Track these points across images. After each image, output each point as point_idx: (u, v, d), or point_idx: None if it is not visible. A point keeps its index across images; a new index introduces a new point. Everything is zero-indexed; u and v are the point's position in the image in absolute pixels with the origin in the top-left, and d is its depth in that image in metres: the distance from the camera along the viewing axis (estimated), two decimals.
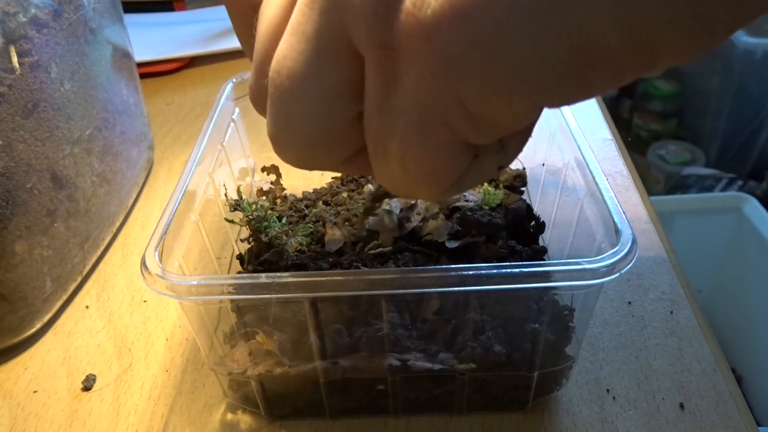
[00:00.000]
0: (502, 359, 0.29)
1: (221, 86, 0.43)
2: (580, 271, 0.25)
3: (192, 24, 0.84)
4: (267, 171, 0.41)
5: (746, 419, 0.31)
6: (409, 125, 0.18)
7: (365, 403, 0.32)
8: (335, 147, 0.21)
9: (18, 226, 0.35)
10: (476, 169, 0.20)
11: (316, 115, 0.19)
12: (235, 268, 0.36)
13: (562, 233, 0.35)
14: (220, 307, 0.31)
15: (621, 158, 0.51)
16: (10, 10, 0.34)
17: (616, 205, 0.29)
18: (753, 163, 1.48)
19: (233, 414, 0.33)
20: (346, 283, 0.26)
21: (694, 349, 0.35)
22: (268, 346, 0.30)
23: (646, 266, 0.41)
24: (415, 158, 0.18)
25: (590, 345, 0.35)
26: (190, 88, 0.70)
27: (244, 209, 0.34)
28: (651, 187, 1.58)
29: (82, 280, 0.42)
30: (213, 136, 0.38)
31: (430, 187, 0.20)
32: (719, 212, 1.10)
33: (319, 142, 0.20)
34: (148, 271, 0.27)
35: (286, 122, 0.20)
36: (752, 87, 1.44)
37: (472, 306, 0.28)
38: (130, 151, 0.49)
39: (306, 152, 0.21)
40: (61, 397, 0.35)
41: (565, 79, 0.16)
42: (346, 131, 0.20)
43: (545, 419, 0.32)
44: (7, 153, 0.34)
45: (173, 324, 0.39)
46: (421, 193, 0.20)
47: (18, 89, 0.34)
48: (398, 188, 0.21)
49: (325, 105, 0.19)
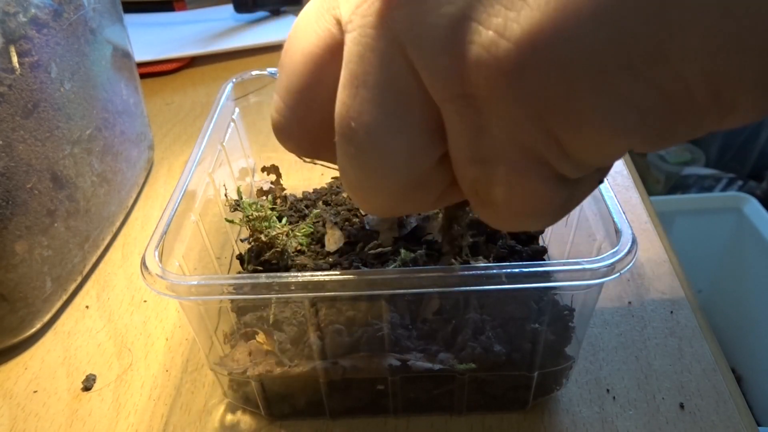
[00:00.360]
0: (502, 359, 0.29)
1: (221, 86, 0.43)
2: (580, 271, 0.25)
3: (192, 24, 0.84)
4: (267, 171, 0.41)
5: (746, 419, 0.31)
6: (510, 171, 0.17)
7: (365, 403, 0.32)
8: (425, 191, 0.20)
9: (18, 226, 0.35)
10: (578, 190, 0.20)
11: (404, 166, 0.19)
12: (235, 268, 0.36)
13: (562, 233, 0.35)
14: (220, 307, 0.31)
15: (621, 158, 0.51)
16: (10, 10, 0.34)
17: (616, 205, 0.29)
18: (753, 163, 1.48)
19: (233, 414, 0.33)
20: (346, 283, 0.26)
21: (694, 349, 0.35)
22: (268, 346, 0.30)
23: (646, 266, 0.41)
24: (522, 200, 0.18)
25: (590, 345, 0.35)
26: (190, 88, 0.70)
27: (243, 209, 0.34)
28: (651, 187, 1.58)
29: (82, 280, 0.42)
30: (213, 136, 0.38)
31: (539, 221, 0.20)
32: (719, 212, 1.10)
33: (409, 190, 0.20)
34: (148, 271, 0.27)
35: (373, 177, 0.19)
36: None
37: (472, 306, 0.28)
38: (130, 151, 0.49)
39: (396, 201, 0.20)
40: (61, 397, 0.35)
41: (655, 128, 0.16)
42: (433, 175, 0.20)
43: (545, 419, 0.32)
44: (7, 153, 0.34)
45: (173, 324, 0.39)
46: (530, 227, 0.20)
47: (18, 89, 0.34)
48: (505, 225, 0.20)
49: (412, 155, 0.19)
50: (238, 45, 0.76)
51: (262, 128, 0.47)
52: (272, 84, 0.45)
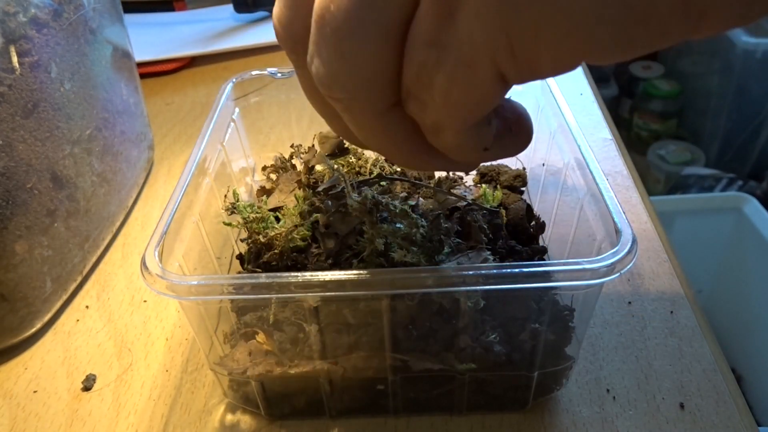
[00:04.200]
0: (502, 359, 0.29)
1: (221, 86, 0.43)
2: (580, 271, 0.25)
3: (192, 24, 0.84)
4: (267, 171, 0.41)
5: (746, 419, 0.31)
6: (459, 60, 0.18)
7: (365, 403, 0.32)
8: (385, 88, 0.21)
9: (18, 226, 0.35)
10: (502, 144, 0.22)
11: (370, 49, 0.19)
12: (235, 268, 0.36)
13: (562, 233, 0.35)
14: (220, 307, 0.31)
15: (621, 158, 0.51)
16: (10, 10, 0.34)
17: (616, 205, 0.29)
18: (753, 163, 1.48)
19: (233, 414, 0.33)
20: (346, 283, 0.26)
21: (694, 349, 0.35)
22: (268, 346, 0.30)
23: (646, 266, 0.41)
24: (460, 90, 0.19)
25: (590, 345, 0.35)
26: (190, 88, 0.70)
27: (240, 212, 0.34)
28: (651, 187, 1.58)
29: (82, 280, 0.42)
30: (213, 136, 0.38)
31: (467, 118, 0.20)
32: (719, 212, 1.10)
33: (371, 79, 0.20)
34: (148, 271, 0.27)
35: (339, 59, 0.20)
36: (752, 87, 1.44)
37: (471, 306, 0.28)
38: (130, 151, 0.49)
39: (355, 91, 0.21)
40: (61, 397, 0.35)
41: (614, 34, 0.16)
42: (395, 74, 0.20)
43: (545, 419, 0.32)
44: (7, 153, 0.34)
45: (173, 324, 0.39)
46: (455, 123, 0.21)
47: (18, 89, 0.34)
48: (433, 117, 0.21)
49: (380, 39, 0.19)
50: (238, 45, 0.76)
51: (262, 128, 0.47)
52: (272, 84, 0.45)
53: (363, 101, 0.21)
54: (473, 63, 0.18)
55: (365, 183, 0.35)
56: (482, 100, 0.20)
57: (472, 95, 0.19)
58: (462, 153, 0.22)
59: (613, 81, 1.77)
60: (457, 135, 0.21)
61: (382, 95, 0.21)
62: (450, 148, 0.22)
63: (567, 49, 0.17)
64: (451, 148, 0.22)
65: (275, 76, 0.45)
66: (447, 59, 0.19)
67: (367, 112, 0.21)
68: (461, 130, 0.21)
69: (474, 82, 0.19)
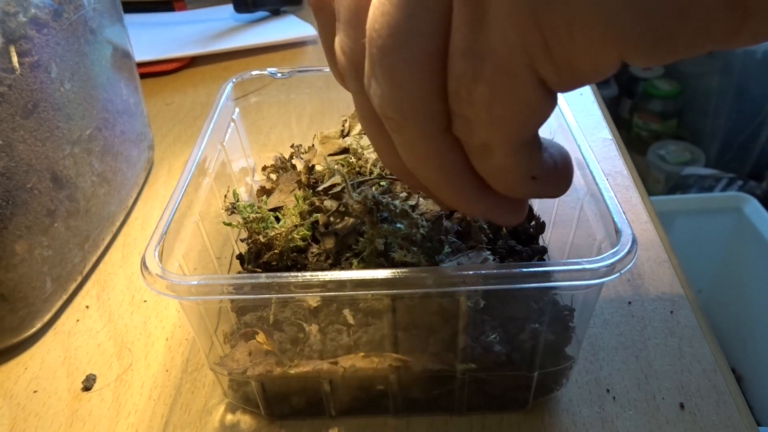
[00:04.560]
0: (502, 359, 0.29)
1: (221, 86, 0.43)
2: (580, 271, 0.25)
3: (192, 24, 0.84)
4: (267, 171, 0.41)
5: (746, 419, 0.31)
6: (497, 68, 0.18)
7: (365, 403, 0.32)
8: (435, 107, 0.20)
9: (18, 226, 0.35)
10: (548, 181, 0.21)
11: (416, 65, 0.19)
12: (235, 268, 0.36)
13: (562, 233, 0.35)
14: (220, 307, 0.31)
15: (621, 158, 0.51)
16: (10, 10, 0.34)
17: (616, 205, 0.29)
18: (753, 163, 1.48)
19: (233, 414, 0.33)
20: (347, 283, 0.26)
21: (694, 349, 0.35)
22: (268, 346, 0.30)
23: (646, 266, 0.41)
24: (503, 101, 0.18)
25: (590, 345, 0.35)
26: (190, 88, 0.70)
27: (240, 212, 0.34)
28: (651, 187, 1.58)
29: (82, 280, 0.42)
30: (213, 136, 0.38)
31: (515, 134, 0.19)
32: (719, 212, 1.10)
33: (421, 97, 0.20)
34: (148, 271, 0.27)
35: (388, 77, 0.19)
36: (752, 87, 1.44)
37: (471, 306, 0.28)
38: (130, 151, 0.49)
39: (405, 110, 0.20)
40: (61, 397, 0.35)
41: (654, 32, 0.15)
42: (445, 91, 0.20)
43: (545, 419, 0.32)
44: (7, 153, 0.34)
45: (173, 324, 0.39)
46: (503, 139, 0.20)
47: (18, 89, 0.34)
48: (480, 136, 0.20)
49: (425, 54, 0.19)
50: (238, 45, 0.76)
51: (262, 128, 0.47)
52: (272, 84, 0.45)
53: (413, 120, 0.20)
54: (511, 69, 0.18)
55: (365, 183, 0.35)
56: (528, 111, 0.19)
57: (516, 106, 0.18)
58: (511, 180, 0.21)
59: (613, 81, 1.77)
60: (506, 156, 0.20)
61: (432, 114, 0.20)
62: (499, 173, 0.21)
63: (603, 46, 0.16)
64: (499, 173, 0.21)
65: (275, 76, 0.45)
66: (484, 68, 0.18)
67: (417, 134, 0.21)
68: (511, 151, 0.20)
69: (515, 90, 0.18)
